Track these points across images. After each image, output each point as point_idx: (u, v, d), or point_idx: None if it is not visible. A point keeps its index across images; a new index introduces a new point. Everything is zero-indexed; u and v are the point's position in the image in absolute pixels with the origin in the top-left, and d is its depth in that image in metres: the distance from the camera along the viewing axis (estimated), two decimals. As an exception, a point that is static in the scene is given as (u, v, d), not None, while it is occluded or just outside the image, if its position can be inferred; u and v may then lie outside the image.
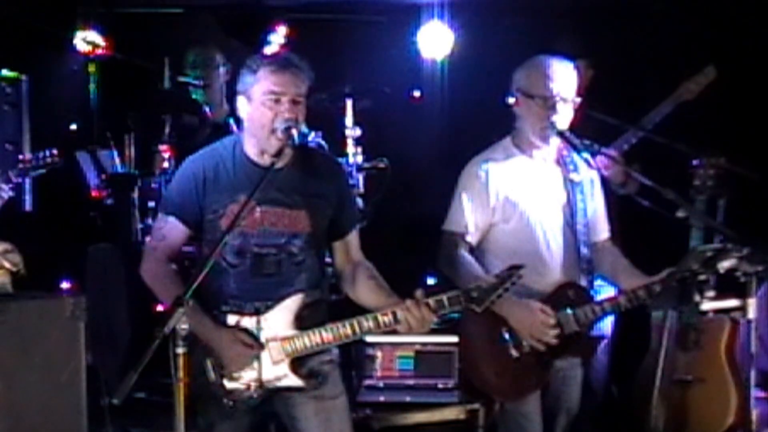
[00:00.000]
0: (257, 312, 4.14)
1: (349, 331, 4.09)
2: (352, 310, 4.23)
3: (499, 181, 4.68)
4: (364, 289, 4.22)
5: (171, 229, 4.23)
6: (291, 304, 4.13)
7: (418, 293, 4.01)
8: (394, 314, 4.03)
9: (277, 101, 4.08)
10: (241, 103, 4.20)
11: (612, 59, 6.51)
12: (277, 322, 4.13)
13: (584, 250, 4.72)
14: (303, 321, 4.14)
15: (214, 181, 4.15)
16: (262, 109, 4.10)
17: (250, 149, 4.19)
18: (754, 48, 6.50)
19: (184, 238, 4.26)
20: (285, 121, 4.08)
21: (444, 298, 4.04)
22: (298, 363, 4.14)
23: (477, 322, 4.61)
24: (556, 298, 4.63)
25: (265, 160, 4.14)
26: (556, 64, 4.67)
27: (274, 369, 4.11)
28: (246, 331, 4.12)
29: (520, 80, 4.71)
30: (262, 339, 4.12)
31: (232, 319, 4.14)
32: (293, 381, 4.13)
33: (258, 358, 4.10)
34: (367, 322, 4.07)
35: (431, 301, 4.02)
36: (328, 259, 4.42)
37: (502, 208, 4.67)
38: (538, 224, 4.68)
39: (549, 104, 4.61)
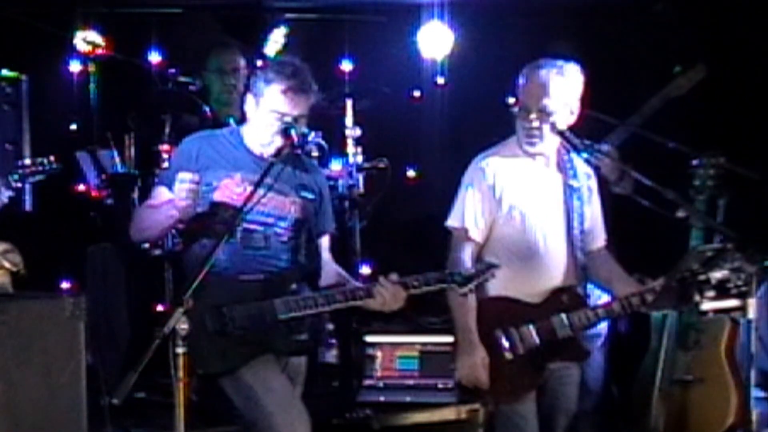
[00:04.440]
0: (251, 283, 4.33)
1: (324, 301, 4.34)
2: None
3: (503, 178, 4.68)
4: (333, 280, 4.54)
5: (161, 194, 4.45)
6: (281, 280, 4.37)
7: (393, 275, 4.34)
8: (369, 289, 4.34)
9: (281, 119, 4.37)
10: (249, 102, 4.47)
11: (610, 59, 6.51)
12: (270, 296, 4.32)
13: (579, 256, 4.71)
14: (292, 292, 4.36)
15: (211, 156, 4.43)
16: (265, 120, 4.41)
17: (250, 140, 4.49)
18: (754, 47, 6.50)
19: None
20: (283, 122, 4.35)
21: (423, 277, 4.36)
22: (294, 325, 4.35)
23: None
24: (551, 303, 4.63)
25: (262, 153, 4.44)
26: (545, 73, 4.61)
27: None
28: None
29: (518, 84, 4.71)
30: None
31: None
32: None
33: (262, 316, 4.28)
34: (342, 295, 4.36)
35: (403, 280, 4.35)
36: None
37: (504, 205, 4.67)
38: (537, 227, 4.68)
39: (529, 114, 4.61)
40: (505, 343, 4.59)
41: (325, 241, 4.65)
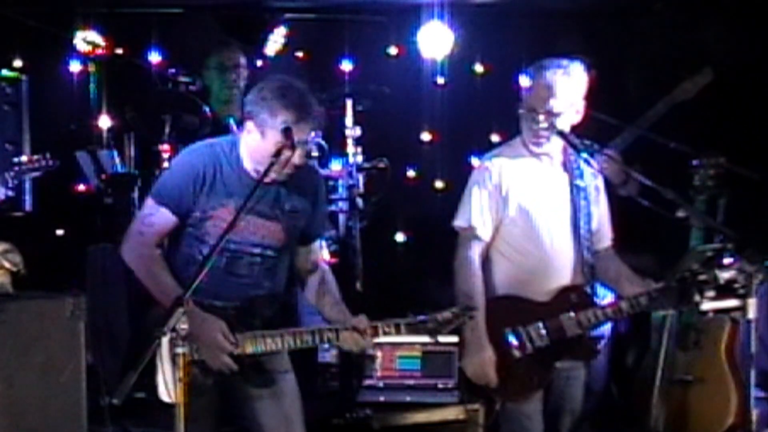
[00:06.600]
0: (225, 309, 4.23)
1: (292, 341, 4.24)
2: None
3: (510, 178, 4.68)
4: (313, 293, 4.48)
5: (161, 218, 4.31)
6: (257, 307, 4.29)
7: (361, 322, 4.23)
8: (337, 333, 4.25)
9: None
10: (252, 130, 4.25)
11: (611, 60, 6.51)
12: (242, 323, 4.23)
13: (587, 256, 4.71)
14: (265, 324, 4.27)
15: (212, 182, 4.27)
16: (271, 151, 4.18)
17: (247, 161, 4.31)
18: (753, 48, 6.50)
19: (172, 228, 4.34)
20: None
21: (394, 324, 4.25)
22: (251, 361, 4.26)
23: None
24: (559, 302, 4.63)
25: (259, 173, 4.25)
26: (550, 74, 4.60)
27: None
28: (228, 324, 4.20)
29: (524, 84, 4.70)
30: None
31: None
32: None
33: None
34: (310, 336, 4.26)
35: (373, 324, 4.24)
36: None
37: (511, 204, 4.67)
38: (544, 226, 4.68)
39: (536, 116, 4.60)
40: (514, 342, 4.59)
41: (316, 246, 4.56)
